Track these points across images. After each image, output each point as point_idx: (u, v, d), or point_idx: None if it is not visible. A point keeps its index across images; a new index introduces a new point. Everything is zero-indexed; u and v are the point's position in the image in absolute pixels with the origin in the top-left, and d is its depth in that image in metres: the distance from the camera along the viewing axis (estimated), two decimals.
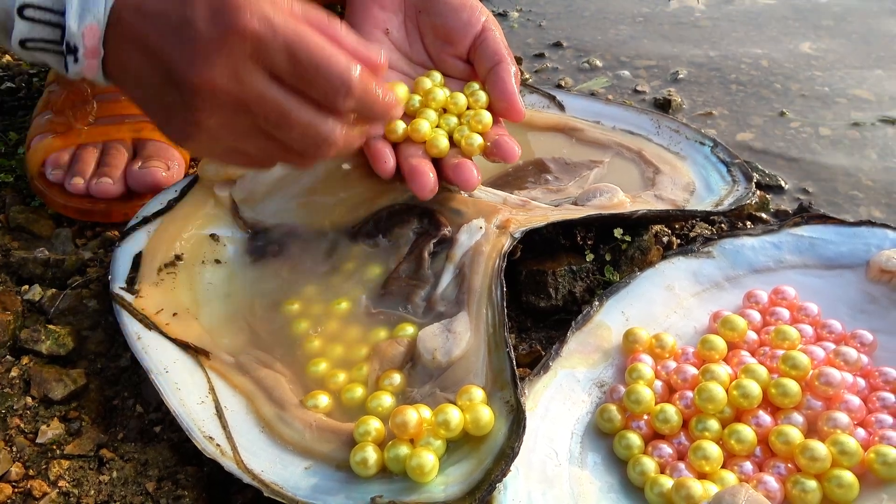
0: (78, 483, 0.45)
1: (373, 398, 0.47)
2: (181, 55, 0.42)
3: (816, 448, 0.42)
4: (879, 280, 0.53)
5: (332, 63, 0.43)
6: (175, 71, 0.42)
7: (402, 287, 0.54)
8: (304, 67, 0.42)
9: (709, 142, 0.67)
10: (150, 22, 0.43)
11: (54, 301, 0.57)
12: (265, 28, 0.42)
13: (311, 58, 0.42)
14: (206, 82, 0.42)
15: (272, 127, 0.44)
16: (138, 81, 0.45)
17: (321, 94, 0.43)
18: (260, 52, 0.42)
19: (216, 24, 0.41)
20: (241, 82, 0.42)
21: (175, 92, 0.43)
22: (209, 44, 0.41)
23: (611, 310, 0.53)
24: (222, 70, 0.42)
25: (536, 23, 1.05)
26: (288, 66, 0.42)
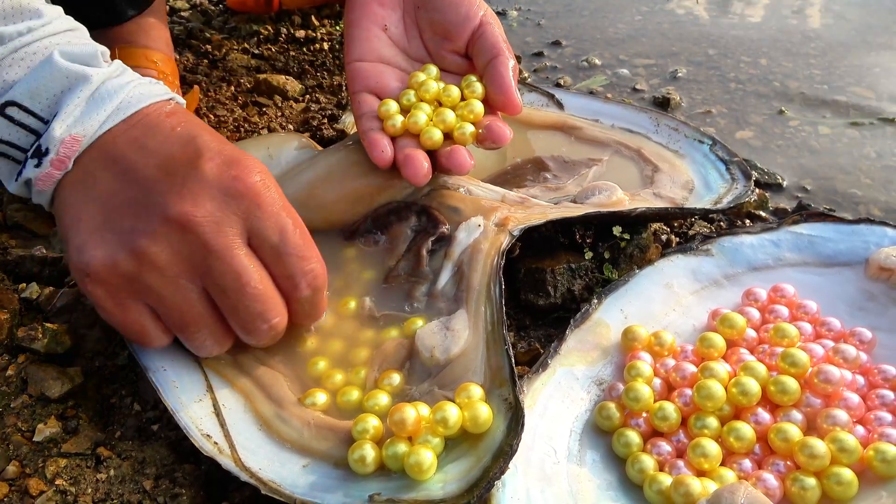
0: (75, 481, 0.45)
1: (369, 397, 0.47)
2: (170, 187, 0.43)
3: (815, 445, 0.42)
4: (878, 278, 0.53)
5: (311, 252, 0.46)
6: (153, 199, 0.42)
7: (402, 285, 0.54)
8: (287, 246, 0.44)
9: (708, 140, 0.67)
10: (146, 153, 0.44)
11: (51, 299, 0.57)
12: (269, 197, 0.44)
13: (296, 240, 0.45)
14: (185, 215, 0.42)
15: (222, 287, 0.43)
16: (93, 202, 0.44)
17: (287, 274, 0.45)
18: (254, 214, 0.43)
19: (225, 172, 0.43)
20: (220, 232, 0.43)
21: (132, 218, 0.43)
22: (207, 187, 0.43)
23: (610, 308, 0.53)
24: (207, 213, 0.42)
25: (535, 21, 1.05)
26: (273, 238, 0.44)
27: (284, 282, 0.45)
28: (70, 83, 0.44)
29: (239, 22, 1.01)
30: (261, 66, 0.92)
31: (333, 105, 0.84)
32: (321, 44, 0.96)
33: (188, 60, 0.92)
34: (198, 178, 0.43)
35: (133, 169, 0.43)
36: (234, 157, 0.45)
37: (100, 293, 0.43)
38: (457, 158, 0.55)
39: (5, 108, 0.43)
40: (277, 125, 0.80)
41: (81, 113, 0.44)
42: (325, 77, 0.90)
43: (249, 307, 0.44)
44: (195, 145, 0.44)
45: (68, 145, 0.43)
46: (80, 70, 0.44)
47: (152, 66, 0.75)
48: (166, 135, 0.45)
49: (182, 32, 0.99)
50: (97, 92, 0.44)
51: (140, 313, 0.45)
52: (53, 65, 0.43)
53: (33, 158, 0.44)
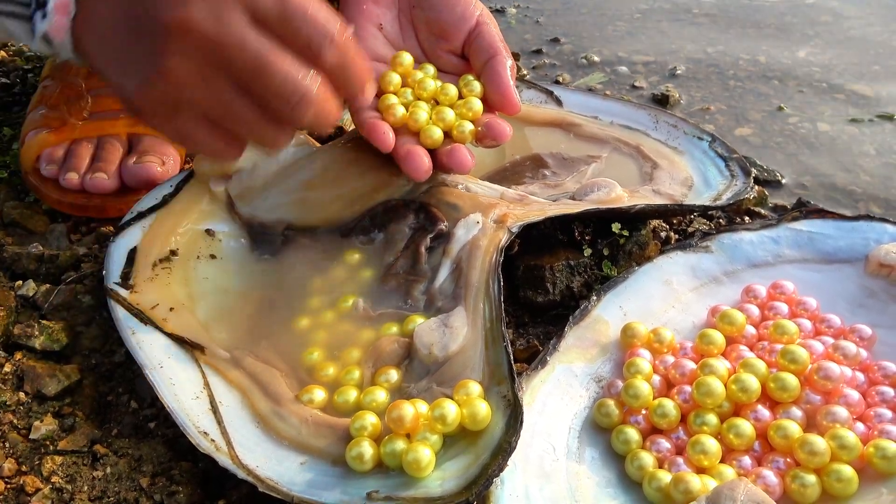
0: (71, 479, 0.45)
1: (367, 393, 0.46)
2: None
3: (815, 442, 0.42)
4: (878, 274, 0.52)
5: (319, 12, 0.42)
6: (147, 13, 0.40)
7: (400, 282, 0.54)
8: (291, 11, 0.41)
9: (707, 136, 0.67)
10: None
11: (48, 296, 0.57)
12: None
13: (298, 4, 0.41)
14: (182, 21, 0.39)
15: (248, 75, 0.41)
16: (104, 36, 0.42)
17: (304, 43, 0.42)
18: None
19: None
20: (221, 23, 0.40)
21: (144, 38, 0.40)
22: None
23: (609, 304, 0.53)
24: (201, 9, 0.40)
25: (534, 19, 1.04)
26: (273, 9, 0.41)
27: (306, 52, 0.42)
28: None
29: None
30: None
31: None
32: None
33: None
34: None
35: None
36: None
37: (157, 122, 0.43)
38: (458, 157, 0.55)
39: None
40: None
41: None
42: None
43: (281, 86, 0.41)
44: None
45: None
46: None
47: None
48: None
49: None
50: None
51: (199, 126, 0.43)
52: None
53: (38, 11, 0.42)
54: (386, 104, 0.57)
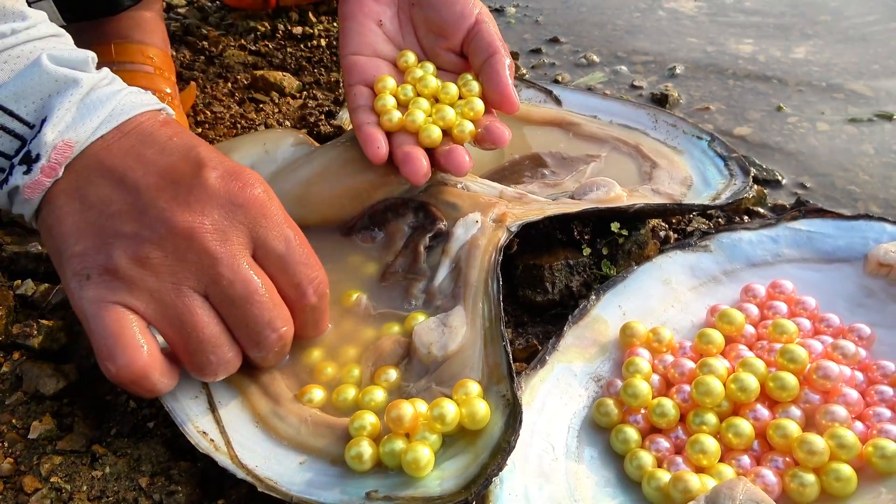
0: (70, 478, 0.44)
1: (365, 393, 0.46)
2: (174, 195, 0.42)
3: (814, 441, 0.42)
4: (877, 273, 0.52)
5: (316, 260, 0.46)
6: (157, 206, 0.42)
7: (399, 281, 0.54)
8: (292, 254, 0.44)
9: (706, 136, 0.67)
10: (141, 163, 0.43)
11: (47, 296, 0.57)
12: (272, 205, 0.44)
13: (301, 247, 0.45)
14: (192, 227, 0.41)
15: (228, 297, 0.42)
16: (83, 207, 0.42)
17: (294, 283, 0.45)
18: (259, 223, 0.43)
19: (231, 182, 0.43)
20: (226, 241, 0.42)
21: (136, 224, 0.41)
22: (214, 196, 0.42)
23: (608, 304, 0.53)
24: (214, 223, 0.42)
25: (533, 18, 1.04)
26: (277, 246, 0.44)
27: (291, 290, 0.45)
28: (59, 87, 0.42)
29: (236, 18, 1.01)
30: (258, 63, 0.91)
31: (330, 101, 0.84)
32: (318, 40, 0.96)
33: (185, 57, 0.92)
34: (203, 188, 0.42)
35: (131, 177, 0.42)
36: (236, 169, 0.44)
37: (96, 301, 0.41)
38: (455, 158, 0.55)
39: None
40: (274, 121, 0.80)
41: (73, 118, 0.42)
42: (322, 73, 0.89)
43: (258, 316, 0.43)
44: (196, 155, 0.44)
45: (60, 151, 0.42)
46: (70, 74, 0.43)
47: (148, 61, 0.74)
48: (163, 144, 0.44)
49: (178, 29, 0.98)
50: (88, 98, 0.43)
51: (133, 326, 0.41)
52: (41, 68, 0.42)
53: (21, 165, 0.42)
54: (383, 108, 0.56)
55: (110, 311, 0.41)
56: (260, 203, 0.44)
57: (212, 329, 0.42)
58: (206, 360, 0.43)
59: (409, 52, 0.59)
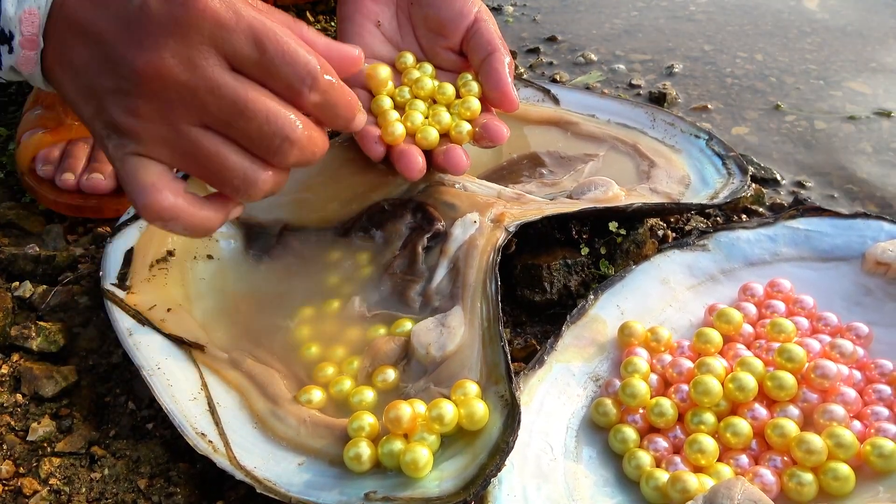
0: (69, 480, 0.45)
1: (355, 393, 0.46)
2: (128, 38, 0.39)
3: (812, 441, 0.42)
4: (875, 272, 0.53)
5: (299, 52, 0.41)
6: (119, 55, 0.39)
7: (397, 282, 0.54)
8: (269, 55, 0.40)
9: (704, 135, 0.67)
10: (97, 6, 0.40)
11: (45, 297, 0.57)
12: (227, 11, 0.40)
13: (276, 45, 0.40)
14: (153, 66, 0.39)
15: (226, 120, 0.40)
16: (75, 73, 0.41)
17: (284, 85, 0.41)
18: (219, 36, 0.40)
19: (171, 3, 0.39)
20: (195, 67, 0.39)
21: (113, 78, 0.40)
22: (161, 25, 0.39)
23: (606, 303, 0.53)
24: (173, 53, 0.39)
25: (531, 17, 1.04)
26: (250, 52, 0.40)
27: (286, 94, 0.41)
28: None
29: None
30: None
31: None
32: None
33: None
34: (149, 20, 0.39)
35: (93, 29, 0.40)
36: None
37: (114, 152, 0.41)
38: (453, 158, 0.55)
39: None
40: None
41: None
42: None
43: (262, 128, 0.41)
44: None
45: (28, 22, 0.41)
46: None
47: None
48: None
49: None
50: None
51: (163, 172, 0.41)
52: None
53: (3, 45, 0.42)
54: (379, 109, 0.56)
55: (128, 161, 0.41)
56: (210, 13, 0.40)
57: (223, 155, 0.41)
58: (236, 185, 0.42)
59: (407, 54, 0.59)
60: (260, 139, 0.41)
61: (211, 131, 0.41)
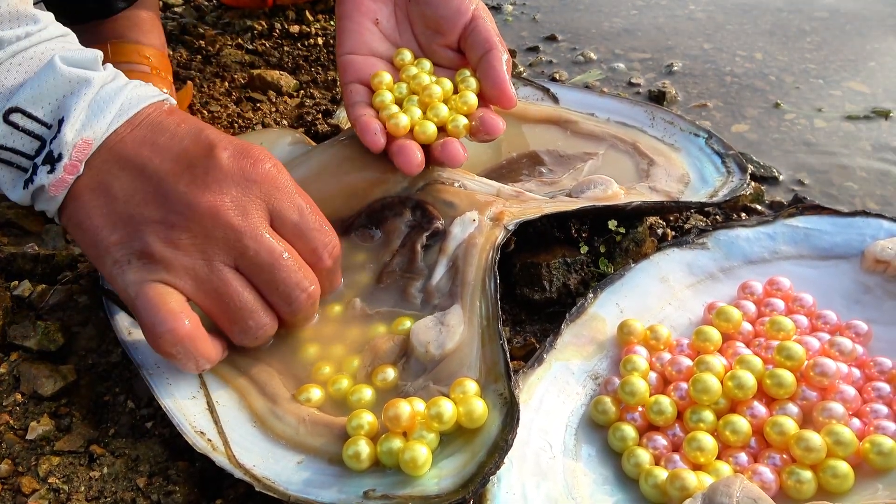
0: (68, 479, 0.44)
1: (353, 392, 0.47)
2: (191, 178, 0.44)
3: (811, 438, 0.42)
4: (874, 270, 0.52)
5: (328, 225, 0.48)
6: (177, 191, 0.44)
7: (397, 280, 0.54)
8: (306, 221, 0.47)
9: (703, 133, 0.67)
10: (157, 148, 0.45)
11: (44, 297, 0.57)
12: (284, 179, 0.47)
13: (313, 215, 0.47)
14: (215, 206, 0.44)
15: (259, 266, 0.45)
16: (108, 200, 0.44)
17: (311, 248, 0.47)
18: (273, 196, 0.46)
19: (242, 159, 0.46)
20: (247, 216, 0.45)
21: (161, 210, 0.44)
22: (228, 175, 0.45)
23: (605, 302, 0.53)
24: (233, 200, 0.44)
25: (530, 16, 1.04)
26: (291, 215, 0.46)
27: (308, 255, 0.48)
28: (73, 87, 0.44)
29: (233, 17, 1.01)
30: (255, 62, 0.91)
31: (328, 100, 0.84)
32: (315, 39, 0.95)
33: (181, 56, 0.92)
34: (217, 168, 0.45)
35: (149, 166, 0.45)
36: (246, 147, 0.47)
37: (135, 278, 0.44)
38: (450, 151, 0.55)
39: (9, 115, 0.43)
40: (271, 121, 0.80)
41: (87, 116, 0.44)
42: (319, 72, 0.89)
43: (287, 278, 0.46)
44: (206, 138, 0.46)
45: (80, 149, 0.44)
46: (82, 74, 0.44)
47: (145, 61, 0.74)
48: (173, 131, 0.46)
49: (175, 28, 0.98)
50: (98, 95, 0.45)
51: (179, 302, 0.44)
52: (56, 69, 0.44)
53: (45, 165, 0.44)
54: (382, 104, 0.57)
55: (152, 287, 0.44)
56: (272, 177, 0.46)
57: (246, 296, 0.45)
58: (246, 326, 0.46)
59: (404, 50, 0.59)
60: (283, 287, 0.46)
61: (239, 273, 0.45)
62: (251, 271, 0.45)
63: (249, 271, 0.45)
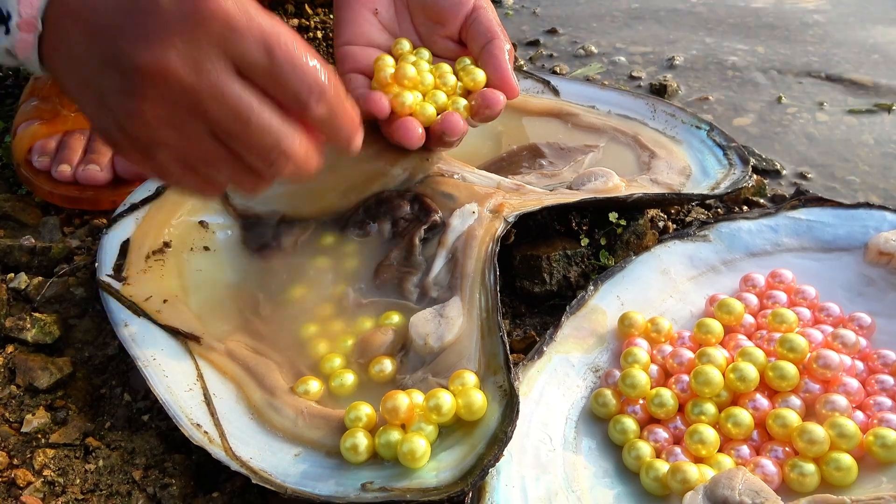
0: (63, 472, 0.44)
1: (335, 376, 0.47)
2: (133, 32, 0.37)
3: (814, 431, 0.41)
4: (877, 262, 0.52)
5: (309, 63, 0.39)
6: (122, 51, 0.37)
7: (395, 274, 0.53)
8: (279, 63, 0.38)
9: (705, 125, 0.66)
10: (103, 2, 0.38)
11: (40, 289, 0.56)
12: (240, 14, 0.38)
13: (287, 54, 0.39)
14: (158, 66, 0.37)
15: (225, 128, 0.39)
16: (75, 64, 0.39)
17: (291, 96, 0.40)
18: (229, 39, 0.38)
19: (181, 4, 0.37)
20: (200, 71, 0.37)
21: (117, 76, 0.38)
22: (170, 22, 0.37)
23: (606, 294, 0.52)
24: (180, 53, 0.37)
25: (531, 9, 1.04)
26: (259, 59, 0.38)
27: (291, 104, 0.40)
28: None
29: None
30: None
31: None
32: (315, 32, 0.95)
33: None
34: (158, 15, 0.37)
35: (93, 21, 0.38)
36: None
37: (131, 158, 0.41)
38: (450, 121, 0.54)
39: None
40: None
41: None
42: None
43: (260, 140, 0.39)
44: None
45: (26, 4, 0.39)
46: None
47: None
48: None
49: None
50: None
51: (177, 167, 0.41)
52: None
53: (1, 26, 0.40)
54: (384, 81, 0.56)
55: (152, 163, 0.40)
56: (222, 14, 0.37)
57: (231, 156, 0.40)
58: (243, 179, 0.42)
59: (403, 40, 0.59)
60: (257, 150, 0.40)
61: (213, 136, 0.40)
62: (221, 134, 0.39)
63: (220, 133, 0.39)
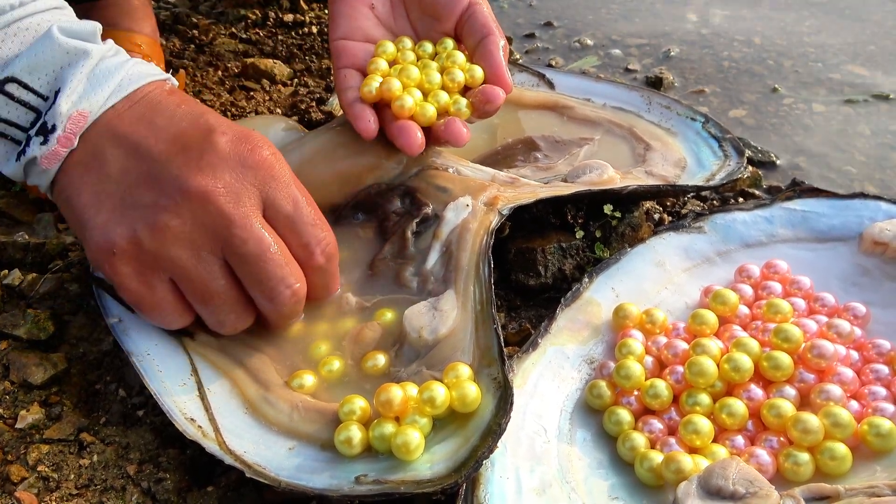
0: (57, 467, 0.44)
1: (325, 364, 0.47)
2: (185, 161, 0.43)
3: (809, 420, 0.41)
4: (872, 252, 0.52)
5: (321, 219, 0.47)
6: (169, 172, 0.43)
7: (389, 268, 0.53)
8: (301, 214, 0.45)
9: (700, 117, 0.66)
10: (153, 128, 0.44)
11: (34, 285, 0.56)
12: (281, 168, 0.45)
13: (309, 208, 0.46)
14: (203, 188, 0.42)
15: (242, 254, 0.43)
16: (101, 178, 0.43)
17: (303, 242, 0.46)
18: (269, 186, 0.44)
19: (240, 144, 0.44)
20: (239, 203, 0.43)
21: (151, 192, 0.43)
22: (225, 160, 0.43)
23: (601, 286, 0.52)
24: (226, 185, 0.43)
25: (527, 3, 1.03)
26: (286, 207, 0.45)
27: (300, 250, 0.46)
28: (70, 59, 0.43)
29: (226, 6, 1.00)
30: (248, 51, 0.90)
31: (322, 88, 0.83)
32: (309, 27, 0.95)
33: (174, 45, 0.91)
34: (214, 152, 0.43)
35: (144, 145, 0.43)
36: (245, 133, 0.45)
37: (126, 271, 0.43)
38: (454, 130, 0.54)
39: (5, 85, 0.42)
40: (265, 109, 0.79)
41: (84, 89, 0.43)
42: (313, 61, 0.88)
43: (271, 272, 0.44)
44: (205, 121, 0.45)
45: (75, 121, 0.43)
46: (80, 45, 0.43)
47: (137, 49, 0.73)
48: (172, 112, 0.45)
49: (168, 18, 0.97)
50: (97, 68, 0.44)
51: (164, 290, 0.44)
52: (53, 40, 0.43)
53: (38, 136, 0.43)
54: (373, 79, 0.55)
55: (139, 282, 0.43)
56: (269, 164, 0.45)
57: (230, 292, 0.45)
58: (226, 319, 0.46)
59: (405, 38, 0.58)
60: (266, 281, 0.44)
61: (225, 264, 0.44)
62: (237, 261, 0.44)
63: (235, 261, 0.44)
